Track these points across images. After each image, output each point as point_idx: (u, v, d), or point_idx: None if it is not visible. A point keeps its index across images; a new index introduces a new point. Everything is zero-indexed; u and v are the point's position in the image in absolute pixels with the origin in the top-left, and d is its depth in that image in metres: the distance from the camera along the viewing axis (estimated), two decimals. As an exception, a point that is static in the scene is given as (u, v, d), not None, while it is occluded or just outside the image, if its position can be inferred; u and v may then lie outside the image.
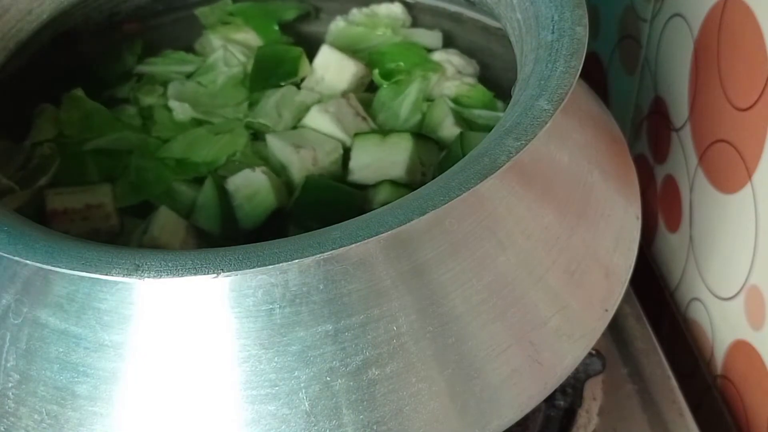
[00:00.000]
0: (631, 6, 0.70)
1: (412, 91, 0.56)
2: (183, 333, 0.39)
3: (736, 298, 0.57)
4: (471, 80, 0.58)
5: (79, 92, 0.57)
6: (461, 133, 0.53)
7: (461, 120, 0.55)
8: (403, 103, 0.56)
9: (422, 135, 0.53)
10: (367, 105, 0.56)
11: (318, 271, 0.38)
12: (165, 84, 0.58)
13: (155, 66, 0.61)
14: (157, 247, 0.48)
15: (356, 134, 0.53)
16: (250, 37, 0.62)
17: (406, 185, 0.50)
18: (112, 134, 0.55)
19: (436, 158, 0.52)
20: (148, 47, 0.62)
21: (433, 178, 0.38)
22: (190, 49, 0.62)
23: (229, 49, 0.60)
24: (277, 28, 0.63)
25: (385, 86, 0.58)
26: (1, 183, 0.51)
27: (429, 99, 0.57)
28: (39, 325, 0.40)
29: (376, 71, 0.58)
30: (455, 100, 0.56)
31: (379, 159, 0.52)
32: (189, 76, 0.60)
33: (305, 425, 0.38)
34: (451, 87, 0.57)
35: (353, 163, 0.52)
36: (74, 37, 0.60)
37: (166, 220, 0.49)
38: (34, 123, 0.56)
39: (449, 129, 0.54)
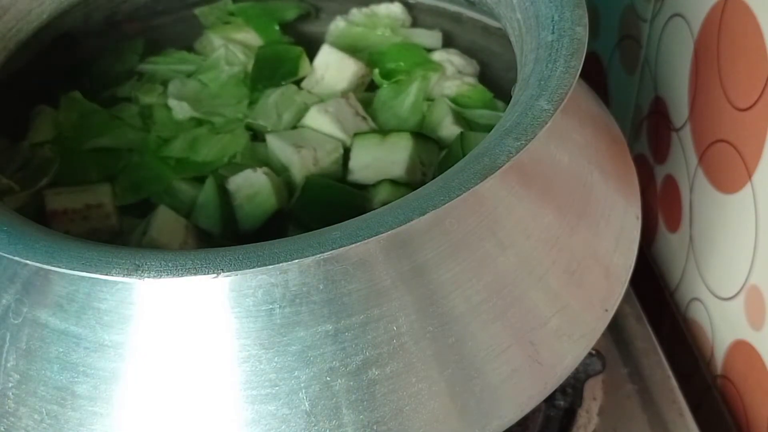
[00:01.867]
0: (631, 6, 0.70)
1: (413, 91, 0.56)
2: (183, 333, 0.39)
3: (736, 298, 0.57)
4: (471, 80, 0.58)
5: (76, 94, 0.57)
6: (461, 133, 0.53)
7: (461, 120, 0.55)
8: (403, 103, 0.56)
9: (422, 134, 0.53)
10: (367, 105, 0.56)
11: (318, 271, 0.38)
12: (165, 83, 0.58)
13: (156, 65, 0.61)
14: (157, 247, 0.48)
15: (356, 134, 0.53)
16: (250, 37, 0.62)
17: (406, 185, 0.50)
18: (111, 133, 0.55)
19: (436, 158, 0.52)
20: (150, 46, 0.62)
21: (433, 178, 0.38)
22: (190, 48, 0.62)
23: (230, 48, 0.60)
24: (277, 28, 0.63)
25: (385, 86, 0.58)
26: (2, 183, 0.51)
27: (429, 99, 0.57)
28: (39, 325, 0.40)
29: (376, 71, 0.58)
30: (455, 100, 0.56)
31: (379, 159, 0.52)
32: (190, 75, 0.60)
33: (305, 425, 0.38)
34: (451, 87, 0.57)
35: (353, 163, 0.52)
36: (74, 37, 0.60)
37: (165, 220, 0.49)
38: (31, 124, 0.56)
39: (449, 128, 0.54)
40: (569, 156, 0.46)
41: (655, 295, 0.67)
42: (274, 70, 0.58)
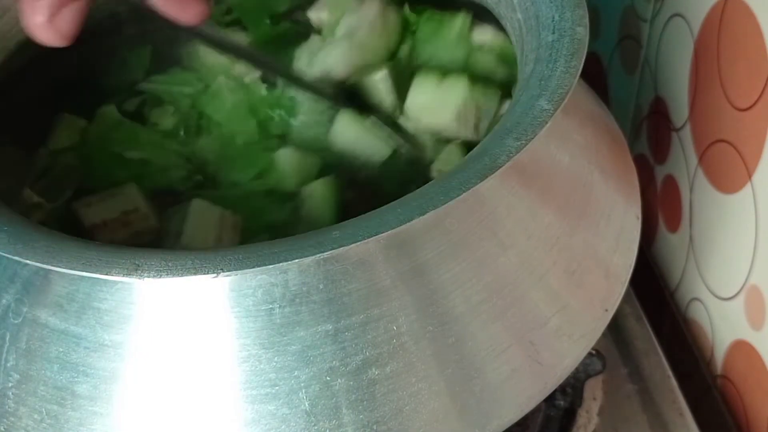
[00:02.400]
0: (631, 6, 0.70)
1: (457, 23, 0.53)
2: (183, 333, 0.39)
3: (736, 298, 0.57)
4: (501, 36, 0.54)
5: (112, 109, 0.55)
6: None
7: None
8: (448, 34, 0.53)
9: (481, 78, 0.51)
10: (403, 42, 0.54)
11: (318, 270, 0.38)
12: (173, 105, 0.57)
13: (159, 85, 0.59)
14: (194, 246, 0.46)
15: (417, 72, 0.51)
16: (239, 39, 0.61)
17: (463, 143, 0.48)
18: (148, 146, 0.54)
19: (496, 106, 0.50)
20: (156, 58, 0.61)
21: (489, 130, 0.36)
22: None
23: (231, 74, 0.58)
24: (268, 21, 0.62)
25: (422, 22, 0.54)
26: (32, 199, 0.49)
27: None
28: (39, 325, 0.40)
29: (406, 7, 0.55)
30: (493, 49, 0.53)
31: (433, 101, 0.50)
32: (192, 96, 0.58)
33: (305, 425, 0.38)
34: (486, 33, 0.53)
35: (409, 102, 0.50)
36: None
37: (199, 217, 0.48)
38: (53, 132, 0.54)
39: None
40: (569, 156, 0.46)
41: (655, 295, 0.67)
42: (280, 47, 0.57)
